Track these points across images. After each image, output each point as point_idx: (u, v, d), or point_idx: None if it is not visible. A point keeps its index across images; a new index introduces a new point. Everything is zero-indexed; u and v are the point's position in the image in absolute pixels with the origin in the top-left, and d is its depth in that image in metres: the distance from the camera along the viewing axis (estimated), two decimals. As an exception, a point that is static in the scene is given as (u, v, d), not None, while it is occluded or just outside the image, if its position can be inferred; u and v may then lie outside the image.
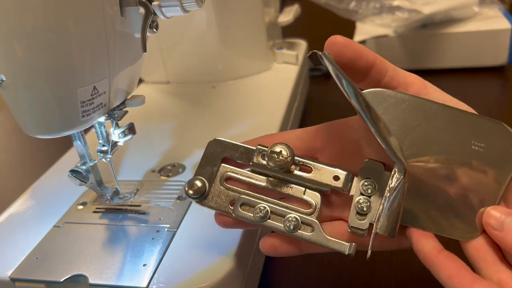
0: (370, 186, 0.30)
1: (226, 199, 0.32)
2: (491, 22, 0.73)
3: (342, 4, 0.81)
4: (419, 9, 0.73)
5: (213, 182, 0.32)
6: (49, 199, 0.43)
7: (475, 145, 0.29)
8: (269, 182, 0.32)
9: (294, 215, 0.30)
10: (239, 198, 0.31)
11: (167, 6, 0.33)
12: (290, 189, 0.32)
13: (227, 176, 0.32)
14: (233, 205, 0.31)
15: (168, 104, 0.59)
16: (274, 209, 0.31)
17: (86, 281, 0.33)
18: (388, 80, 0.31)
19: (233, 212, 0.31)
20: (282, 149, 0.31)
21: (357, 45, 0.30)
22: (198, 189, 0.31)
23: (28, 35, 0.27)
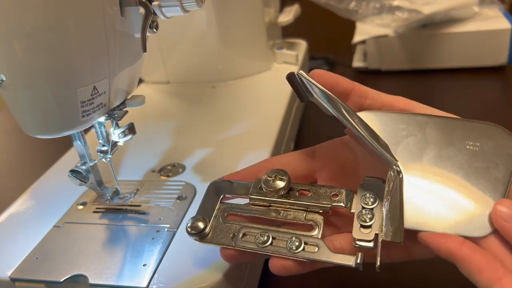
0: (371, 198, 0.29)
1: (227, 233, 0.31)
2: (491, 22, 0.73)
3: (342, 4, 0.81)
4: (419, 9, 0.73)
5: (214, 219, 0.32)
6: (49, 199, 0.43)
7: (469, 145, 0.29)
8: (269, 211, 0.32)
9: (295, 236, 0.30)
10: (240, 229, 0.31)
11: (167, 6, 0.33)
12: (291, 215, 0.31)
13: (227, 212, 0.33)
14: (234, 238, 0.31)
15: (168, 104, 0.59)
16: (276, 234, 0.30)
17: (86, 281, 0.33)
18: (370, 102, 0.32)
19: (234, 243, 0.30)
20: (277, 173, 0.31)
21: (333, 75, 0.32)
22: (199, 228, 0.31)
23: (28, 35, 0.27)
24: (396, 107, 0.32)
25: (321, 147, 0.34)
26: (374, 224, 0.28)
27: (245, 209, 0.33)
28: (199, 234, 0.31)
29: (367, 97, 0.32)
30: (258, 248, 0.30)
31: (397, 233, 0.27)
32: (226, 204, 0.33)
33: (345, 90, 0.32)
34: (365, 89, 0.32)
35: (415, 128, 0.30)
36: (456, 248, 0.25)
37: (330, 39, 0.96)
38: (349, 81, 0.32)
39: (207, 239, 0.31)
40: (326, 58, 0.84)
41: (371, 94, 0.32)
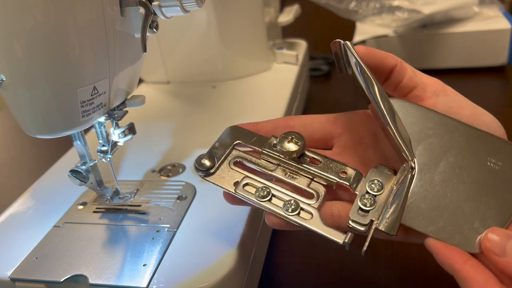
0: (377, 185, 0.30)
1: (231, 179, 0.32)
2: (491, 22, 0.73)
3: (342, 4, 0.81)
4: (419, 9, 0.73)
5: (222, 162, 0.33)
6: (49, 199, 0.43)
7: (491, 162, 0.28)
8: (276, 170, 0.32)
9: (294, 199, 0.30)
10: (243, 178, 0.32)
11: (167, 6, 0.33)
12: (296, 180, 0.32)
13: (236, 160, 0.33)
14: (236, 185, 0.31)
15: (168, 104, 0.59)
16: (277, 192, 0.31)
17: (86, 281, 0.33)
18: (407, 81, 0.32)
19: (234, 190, 0.31)
20: (294, 136, 0.32)
21: (379, 52, 0.31)
22: (205, 165, 0.32)
23: (28, 35, 0.27)
24: (429, 89, 0.31)
25: (345, 115, 0.34)
26: (372, 211, 0.29)
27: (254, 162, 0.33)
28: (204, 170, 0.32)
29: (405, 75, 0.32)
30: (256, 201, 0.30)
31: (393, 226, 0.27)
32: (237, 151, 0.34)
33: (390, 68, 0.32)
34: (405, 66, 0.32)
35: (443, 130, 0.30)
36: (460, 265, 0.25)
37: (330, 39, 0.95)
38: (392, 57, 0.32)
39: (210, 179, 0.32)
40: (326, 58, 0.84)
41: (409, 72, 0.32)
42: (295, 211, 0.29)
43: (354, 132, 0.33)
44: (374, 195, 0.29)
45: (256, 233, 0.39)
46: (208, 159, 0.32)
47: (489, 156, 0.29)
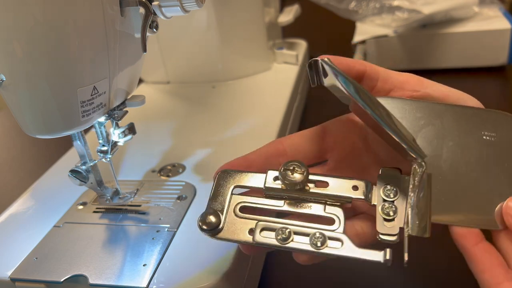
0: (391, 191, 0.29)
1: (243, 228, 0.29)
2: (491, 22, 0.73)
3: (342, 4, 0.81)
4: (419, 9, 0.73)
5: (227, 213, 0.30)
6: (49, 199, 0.43)
7: (485, 135, 0.29)
8: (286, 204, 0.30)
9: (319, 232, 0.28)
10: (257, 224, 0.29)
11: (167, 6, 0.33)
12: (309, 208, 0.30)
13: (240, 206, 0.31)
14: (251, 234, 0.29)
15: (168, 104, 0.59)
16: (297, 229, 0.29)
17: (86, 281, 0.33)
18: (381, 84, 0.32)
19: (253, 240, 0.29)
20: (295, 166, 0.30)
21: (344, 59, 0.31)
22: (211, 223, 0.29)
23: (28, 35, 0.27)
24: (407, 87, 0.31)
25: (332, 124, 0.34)
26: (397, 218, 0.28)
27: (260, 203, 0.31)
28: (212, 230, 0.29)
29: (378, 78, 0.32)
30: (281, 245, 0.28)
31: (425, 228, 0.26)
32: (237, 195, 0.31)
33: (357, 74, 0.31)
34: (376, 70, 0.32)
35: (433, 117, 0.30)
36: (470, 245, 0.26)
37: (330, 39, 0.96)
38: (360, 63, 0.32)
39: (222, 236, 0.29)
40: (326, 58, 0.84)
41: (382, 74, 0.32)
42: (324, 243, 0.28)
43: (345, 141, 0.33)
44: (393, 201, 0.28)
45: (256, 233, 0.39)
46: (213, 215, 0.29)
47: (482, 130, 0.29)
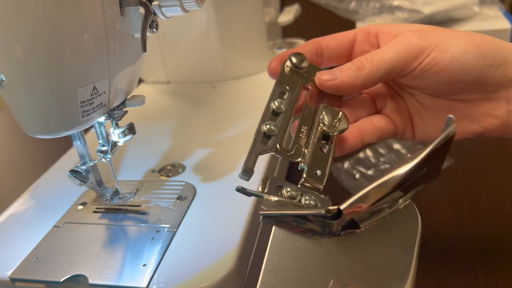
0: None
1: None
2: (491, 22, 0.73)
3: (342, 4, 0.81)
4: (419, 9, 0.73)
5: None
6: (49, 199, 0.43)
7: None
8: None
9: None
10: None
11: (167, 6, 0.33)
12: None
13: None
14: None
15: (168, 104, 0.59)
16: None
17: (86, 281, 0.33)
18: (327, 55, 0.36)
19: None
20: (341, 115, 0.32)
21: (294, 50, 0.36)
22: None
23: (28, 35, 0.27)
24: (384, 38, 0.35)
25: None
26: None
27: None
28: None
29: (322, 52, 0.35)
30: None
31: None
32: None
33: (310, 54, 0.35)
34: (318, 42, 0.36)
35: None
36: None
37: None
38: (305, 45, 0.35)
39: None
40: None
41: (325, 46, 0.36)
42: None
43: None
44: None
45: (256, 233, 0.39)
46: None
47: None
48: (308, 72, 0.34)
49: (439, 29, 0.33)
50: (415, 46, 0.31)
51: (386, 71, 0.32)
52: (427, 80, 0.32)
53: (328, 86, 0.33)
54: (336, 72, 0.33)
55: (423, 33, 0.32)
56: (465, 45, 0.31)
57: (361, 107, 0.35)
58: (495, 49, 0.31)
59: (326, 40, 0.36)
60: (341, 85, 0.32)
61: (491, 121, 0.33)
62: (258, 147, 0.29)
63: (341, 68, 0.33)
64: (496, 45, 0.32)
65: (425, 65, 0.31)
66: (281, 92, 0.33)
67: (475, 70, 0.31)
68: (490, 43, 0.32)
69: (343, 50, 0.36)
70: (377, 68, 0.31)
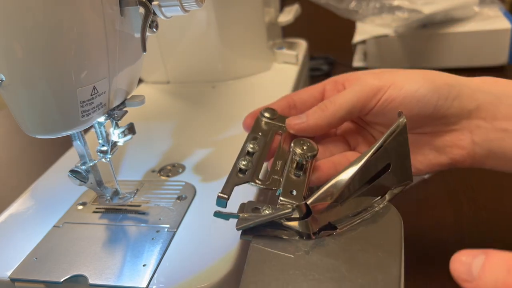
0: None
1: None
2: (491, 22, 0.73)
3: (342, 4, 0.81)
4: (419, 9, 0.73)
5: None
6: (49, 199, 0.43)
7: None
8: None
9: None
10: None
11: (167, 6, 0.33)
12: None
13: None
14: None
15: (168, 104, 0.59)
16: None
17: (86, 281, 0.33)
18: (294, 111, 0.39)
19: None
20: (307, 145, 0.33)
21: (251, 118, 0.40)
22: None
23: (28, 35, 0.27)
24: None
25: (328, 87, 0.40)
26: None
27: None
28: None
29: (295, 105, 0.39)
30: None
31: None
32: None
33: (283, 108, 0.39)
34: (291, 96, 0.39)
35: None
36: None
37: (330, 39, 0.96)
38: (278, 101, 0.39)
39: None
40: (326, 58, 0.84)
41: (297, 99, 0.39)
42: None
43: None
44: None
45: (256, 233, 0.39)
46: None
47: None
48: (279, 121, 0.38)
49: (395, 70, 0.36)
50: (372, 86, 0.34)
51: (347, 110, 0.35)
52: (388, 116, 0.34)
53: (297, 128, 0.36)
54: (303, 116, 0.36)
55: (380, 74, 0.35)
56: (419, 81, 0.33)
57: (335, 146, 0.38)
58: (450, 83, 0.33)
59: (298, 94, 0.40)
60: (308, 127, 0.35)
61: (457, 152, 0.35)
62: (233, 179, 0.32)
63: (308, 112, 0.36)
64: (450, 80, 0.34)
65: (382, 102, 0.34)
66: (254, 137, 0.36)
67: (431, 103, 0.33)
68: (444, 78, 0.34)
69: (315, 100, 0.39)
70: (340, 108, 0.35)
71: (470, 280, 0.20)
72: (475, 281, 0.20)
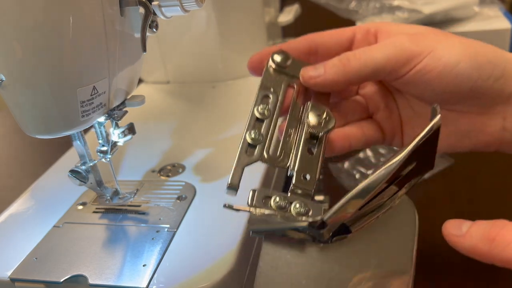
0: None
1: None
2: (491, 22, 0.73)
3: (342, 4, 0.81)
4: (419, 9, 0.73)
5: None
6: (49, 199, 0.43)
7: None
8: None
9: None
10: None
11: (167, 6, 0.33)
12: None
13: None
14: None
15: (168, 104, 0.59)
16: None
17: (86, 281, 0.33)
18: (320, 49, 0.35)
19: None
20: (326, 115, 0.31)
21: (287, 44, 0.35)
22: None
23: (28, 35, 0.27)
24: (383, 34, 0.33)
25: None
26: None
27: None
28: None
29: (317, 50, 0.35)
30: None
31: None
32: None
33: (302, 52, 0.34)
34: (313, 38, 0.35)
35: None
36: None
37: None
38: (297, 41, 0.35)
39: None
40: (326, 58, 0.84)
41: (320, 44, 0.35)
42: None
43: None
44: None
45: (256, 233, 0.39)
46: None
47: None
48: (292, 69, 0.33)
49: (436, 35, 0.32)
50: (407, 50, 0.30)
51: (372, 71, 0.30)
52: (419, 87, 0.31)
53: (312, 84, 0.32)
54: (320, 69, 0.31)
55: (418, 37, 0.31)
56: (461, 54, 0.30)
57: (352, 111, 0.35)
58: (494, 61, 0.30)
59: (322, 37, 0.35)
60: (324, 83, 0.31)
61: (483, 138, 0.32)
62: (243, 159, 0.29)
63: (326, 64, 0.31)
64: (496, 57, 0.30)
65: (416, 72, 0.30)
66: (264, 96, 0.32)
67: (469, 81, 0.30)
68: (490, 53, 0.30)
69: (341, 49, 0.34)
70: (364, 66, 0.30)
71: (459, 235, 0.24)
72: (462, 235, 0.24)
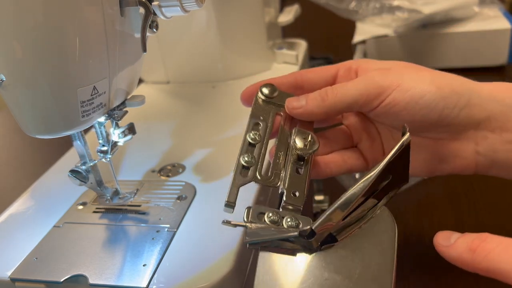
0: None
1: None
2: (491, 22, 0.73)
3: (342, 4, 0.81)
4: (419, 9, 0.73)
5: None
6: (49, 199, 0.43)
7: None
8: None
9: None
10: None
11: (167, 6, 0.33)
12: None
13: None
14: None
15: (168, 104, 0.59)
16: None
17: (86, 281, 0.33)
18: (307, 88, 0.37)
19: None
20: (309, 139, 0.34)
21: (275, 80, 0.38)
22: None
23: (28, 35, 0.27)
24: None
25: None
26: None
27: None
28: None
29: (303, 85, 0.37)
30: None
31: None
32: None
33: (289, 86, 0.37)
34: (300, 75, 0.37)
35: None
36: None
37: (330, 39, 0.96)
38: (285, 77, 0.37)
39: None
40: (326, 58, 0.84)
41: (306, 80, 0.37)
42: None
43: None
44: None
45: (256, 233, 0.39)
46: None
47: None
48: (279, 99, 0.37)
49: (407, 68, 0.35)
50: (377, 85, 0.33)
51: (347, 104, 0.34)
52: (390, 118, 0.34)
53: (295, 113, 0.35)
54: (302, 100, 0.35)
55: (388, 72, 0.34)
56: (427, 86, 0.32)
57: (336, 140, 0.37)
58: (459, 92, 0.32)
59: (308, 74, 0.38)
60: (305, 113, 0.35)
61: (459, 162, 0.34)
62: (238, 180, 0.32)
63: (308, 96, 0.35)
64: (460, 87, 0.32)
65: (386, 104, 0.33)
66: (255, 123, 0.36)
67: (436, 111, 0.32)
68: (456, 84, 0.32)
69: (325, 84, 0.37)
70: (340, 100, 0.33)
71: (446, 245, 0.25)
72: (450, 246, 0.25)
